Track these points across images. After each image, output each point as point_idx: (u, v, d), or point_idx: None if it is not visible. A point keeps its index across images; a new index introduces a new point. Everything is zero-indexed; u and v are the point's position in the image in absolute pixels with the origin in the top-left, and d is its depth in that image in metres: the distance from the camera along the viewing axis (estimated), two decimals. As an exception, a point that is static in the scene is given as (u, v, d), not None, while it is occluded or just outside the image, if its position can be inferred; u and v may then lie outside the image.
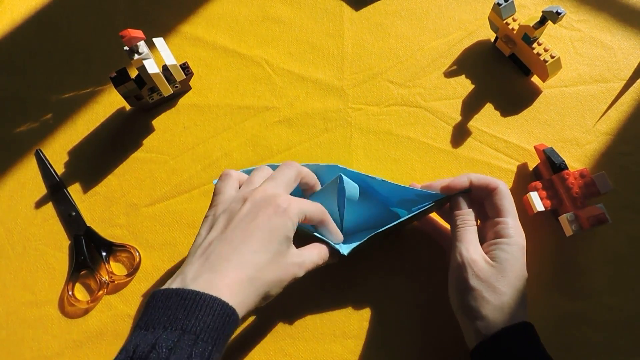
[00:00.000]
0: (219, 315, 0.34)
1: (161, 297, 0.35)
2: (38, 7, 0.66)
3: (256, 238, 0.38)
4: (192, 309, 0.33)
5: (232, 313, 0.35)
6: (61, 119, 0.60)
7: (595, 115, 0.57)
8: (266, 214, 0.39)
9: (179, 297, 0.34)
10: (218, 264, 0.37)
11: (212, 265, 0.37)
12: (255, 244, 0.38)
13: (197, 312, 0.33)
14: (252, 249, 0.38)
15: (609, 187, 0.49)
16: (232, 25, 0.64)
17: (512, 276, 0.42)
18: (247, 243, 0.38)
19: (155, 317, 0.34)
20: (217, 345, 0.34)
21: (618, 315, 0.49)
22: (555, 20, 0.50)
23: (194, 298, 0.34)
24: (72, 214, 0.55)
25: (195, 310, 0.33)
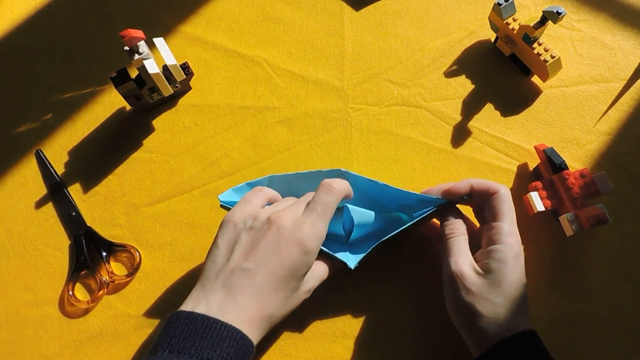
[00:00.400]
0: (240, 348, 0.36)
1: (185, 320, 0.36)
2: (38, 7, 0.66)
3: (278, 277, 0.39)
4: (217, 340, 0.35)
5: (251, 346, 0.37)
6: (61, 119, 0.60)
7: (596, 115, 0.57)
8: (291, 253, 0.39)
9: (204, 325, 0.36)
10: (242, 300, 0.38)
11: (234, 298, 0.38)
12: (277, 283, 0.39)
13: (222, 344, 0.35)
14: (273, 287, 0.39)
15: (609, 187, 0.49)
16: (232, 25, 0.64)
17: (507, 285, 0.41)
18: (269, 281, 0.39)
19: (179, 341, 0.35)
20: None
21: (618, 315, 0.49)
22: (555, 20, 0.50)
23: (219, 329, 0.36)
24: (72, 214, 0.55)
25: (220, 341, 0.35)
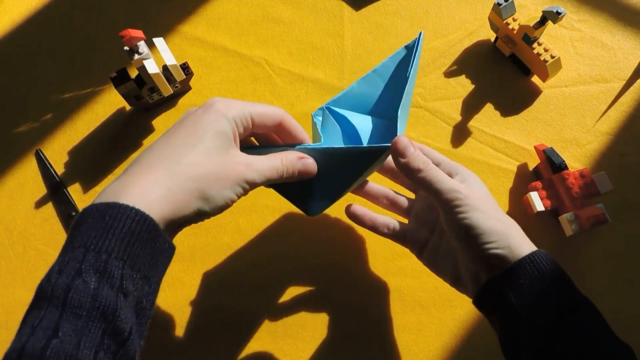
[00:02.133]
0: (134, 230, 0.29)
1: (77, 220, 0.30)
2: (38, 7, 0.66)
3: (178, 136, 0.34)
4: (97, 226, 0.29)
5: (138, 215, 0.29)
6: (61, 119, 0.60)
7: (595, 115, 0.57)
8: (194, 115, 0.35)
9: (83, 216, 0.30)
10: (131, 172, 0.32)
11: (126, 175, 0.32)
12: (175, 140, 0.34)
13: (88, 228, 0.29)
14: (172, 145, 0.33)
15: (609, 187, 0.49)
16: (232, 25, 0.64)
17: (495, 202, 0.40)
18: (168, 143, 0.34)
19: (70, 241, 0.30)
20: (130, 260, 0.29)
21: (618, 315, 0.49)
22: (555, 20, 0.50)
23: (92, 212, 0.29)
24: (72, 214, 0.55)
25: (90, 226, 0.29)
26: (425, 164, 0.38)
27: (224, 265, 0.53)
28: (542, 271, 0.35)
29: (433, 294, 0.50)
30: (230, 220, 0.54)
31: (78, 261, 0.28)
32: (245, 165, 0.35)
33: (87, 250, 0.28)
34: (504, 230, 0.37)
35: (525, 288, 0.35)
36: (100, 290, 0.27)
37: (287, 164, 0.38)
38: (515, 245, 0.37)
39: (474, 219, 0.37)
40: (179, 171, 0.32)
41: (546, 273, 0.35)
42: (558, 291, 0.35)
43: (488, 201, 0.39)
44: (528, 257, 0.36)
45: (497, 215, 0.38)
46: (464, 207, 0.37)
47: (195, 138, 0.34)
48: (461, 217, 0.37)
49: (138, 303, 0.30)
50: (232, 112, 0.35)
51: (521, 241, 0.37)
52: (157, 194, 0.31)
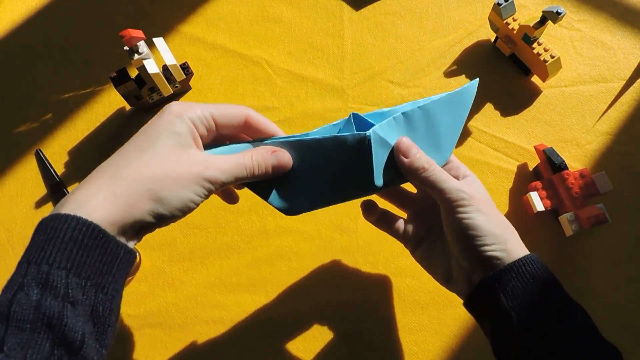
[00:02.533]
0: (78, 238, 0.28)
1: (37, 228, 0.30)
2: (38, 7, 0.66)
3: (130, 143, 0.33)
4: (34, 240, 0.29)
5: (79, 222, 0.28)
6: (61, 119, 0.60)
7: (595, 115, 0.57)
8: (149, 122, 0.33)
9: (33, 233, 0.30)
10: (79, 185, 0.31)
11: (75, 188, 0.31)
12: (127, 147, 0.32)
13: (32, 243, 0.29)
14: (122, 152, 0.32)
15: (609, 187, 0.49)
16: (232, 25, 0.64)
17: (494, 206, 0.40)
18: (120, 152, 0.32)
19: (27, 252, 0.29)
20: (75, 268, 0.28)
21: (618, 315, 0.49)
22: (555, 20, 0.50)
23: (37, 227, 0.29)
24: (72, 214, 0.55)
25: (34, 241, 0.29)
26: (429, 164, 0.38)
27: (224, 265, 0.53)
28: (533, 274, 0.36)
29: (433, 294, 0.50)
30: (230, 220, 0.54)
31: (21, 276, 0.28)
32: (204, 163, 0.33)
33: (29, 264, 0.28)
34: (503, 234, 0.38)
35: (517, 290, 0.36)
36: (43, 302, 0.27)
37: (258, 159, 0.35)
38: (511, 249, 0.37)
39: (477, 220, 0.37)
40: (125, 175, 0.31)
41: (537, 276, 0.36)
42: (548, 294, 0.36)
43: (490, 204, 0.40)
44: (520, 260, 0.36)
45: (498, 219, 0.39)
46: (468, 208, 0.37)
47: (147, 142, 0.32)
48: (464, 217, 0.37)
49: (93, 311, 0.29)
50: (189, 113, 0.34)
51: (517, 245, 0.38)
52: (100, 199, 0.29)
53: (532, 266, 0.36)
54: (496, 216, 0.39)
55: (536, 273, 0.36)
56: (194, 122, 0.34)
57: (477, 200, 0.38)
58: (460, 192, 0.37)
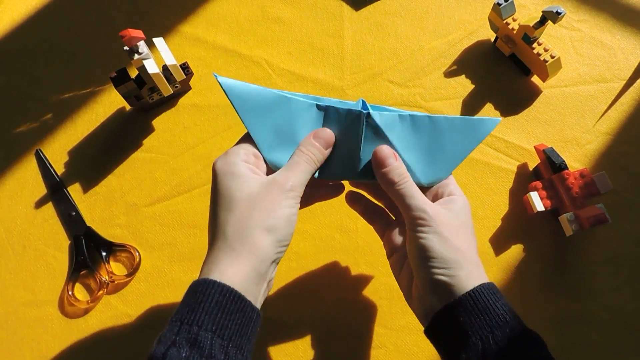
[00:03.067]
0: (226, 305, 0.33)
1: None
2: (38, 7, 0.66)
3: (216, 210, 0.37)
4: (186, 301, 0.34)
5: (224, 289, 0.33)
6: (61, 119, 0.60)
7: (595, 115, 0.57)
8: (211, 187, 0.38)
9: (186, 292, 0.35)
10: (212, 251, 0.36)
11: (212, 254, 0.36)
12: (217, 215, 0.36)
13: (184, 303, 0.34)
14: (217, 221, 0.36)
15: (609, 187, 0.49)
16: (232, 25, 0.64)
17: (470, 229, 0.39)
18: (214, 222, 0.36)
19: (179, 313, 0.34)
20: (219, 331, 0.33)
21: (618, 315, 0.49)
22: (555, 20, 0.50)
23: (189, 289, 0.34)
24: (72, 214, 0.55)
25: (185, 302, 0.34)
26: (401, 177, 0.39)
27: (224, 265, 0.53)
28: (482, 307, 0.35)
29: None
30: (230, 220, 0.54)
31: (174, 333, 0.32)
32: (278, 182, 0.36)
33: (182, 323, 0.32)
34: (457, 260, 0.37)
35: (466, 324, 0.35)
36: (191, 359, 0.31)
37: (312, 151, 0.39)
38: (463, 276, 0.36)
39: (430, 241, 0.37)
40: (232, 234, 0.35)
41: (487, 308, 0.35)
42: (496, 330, 0.35)
43: (457, 229, 0.38)
44: (470, 293, 0.35)
45: (457, 244, 0.37)
46: (425, 228, 0.37)
47: (226, 199, 0.36)
48: (420, 236, 0.37)
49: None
50: (232, 157, 0.37)
51: (472, 273, 0.37)
52: (233, 265, 0.34)
53: (483, 299, 0.35)
54: (457, 241, 0.37)
55: (485, 305, 0.35)
56: (242, 158, 0.37)
57: (438, 223, 0.37)
58: (421, 212, 0.37)
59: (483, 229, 0.53)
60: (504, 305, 0.36)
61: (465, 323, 0.35)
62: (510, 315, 0.35)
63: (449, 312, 0.36)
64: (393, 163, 0.39)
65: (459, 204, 0.40)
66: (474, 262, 0.38)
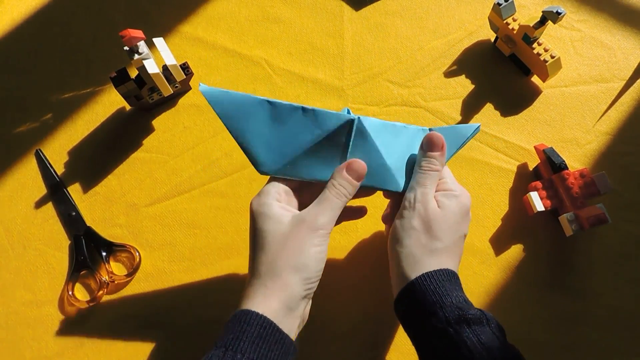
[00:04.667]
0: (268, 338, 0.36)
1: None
2: (38, 7, 0.66)
3: (253, 249, 0.39)
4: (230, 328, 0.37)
5: (265, 322, 0.36)
6: (61, 119, 0.60)
7: (595, 115, 0.57)
8: (254, 224, 0.40)
9: (231, 319, 0.38)
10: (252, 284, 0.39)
11: (252, 287, 0.39)
12: (254, 253, 0.39)
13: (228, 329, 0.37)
14: (255, 261, 0.39)
15: (609, 187, 0.49)
16: (232, 25, 0.64)
17: (450, 225, 0.41)
18: (252, 261, 0.39)
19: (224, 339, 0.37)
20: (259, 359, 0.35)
21: (618, 315, 0.49)
22: (555, 20, 0.50)
23: (234, 316, 0.37)
24: (72, 214, 0.55)
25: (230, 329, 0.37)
26: (429, 169, 0.42)
27: (224, 266, 0.53)
28: (426, 292, 0.38)
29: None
30: (230, 220, 0.54)
31: (219, 357, 0.34)
32: (307, 221, 0.38)
33: (227, 349, 0.34)
34: (410, 248, 0.40)
35: (415, 308, 0.38)
36: None
37: (343, 184, 0.40)
38: (411, 265, 0.39)
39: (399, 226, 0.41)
40: (266, 272, 0.38)
41: (429, 293, 0.38)
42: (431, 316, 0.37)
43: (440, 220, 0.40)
44: (415, 280, 0.38)
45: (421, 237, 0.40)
46: (404, 213, 0.41)
47: (260, 239, 0.38)
48: (396, 219, 0.41)
49: None
50: (268, 189, 0.40)
51: (420, 262, 0.39)
52: (269, 300, 0.37)
53: (434, 282, 0.38)
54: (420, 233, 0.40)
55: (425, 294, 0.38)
56: (274, 197, 0.40)
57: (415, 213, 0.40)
58: (412, 199, 0.41)
59: (483, 229, 0.53)
60: (442, 291, 0.38)
61: (409, 312, 0.39)
62: (448, 300, 0.37)
63: (400, 301, 0.40)
64: (436, 155, 0.42)
65: (450, 201, 0.42)
66: (430, 252, 0.40)
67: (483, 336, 0.36)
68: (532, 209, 0.50)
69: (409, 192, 0.42)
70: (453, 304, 0.37)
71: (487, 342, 0.36)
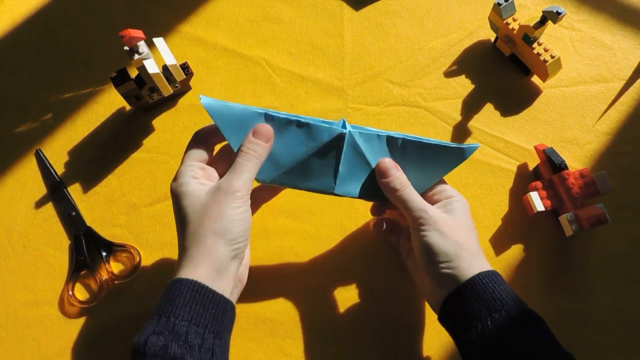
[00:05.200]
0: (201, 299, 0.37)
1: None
2: (38, 7, 0.66)
3: (179, 228, 0.41)
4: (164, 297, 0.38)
5: (195, 285, 0.37)
6: (61, 119, 0.60)
7: (595, 115, 0.57)
8: (175, 205, 0.41)
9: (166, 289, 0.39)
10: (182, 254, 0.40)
11: (182, 256, 0.40)
12: (180, 231, 0.40)
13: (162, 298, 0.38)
14: (181, 235, 0.40)
15: (609, 187, 0.49)
16: (232, 25, 0.64)
17: (469, 226, 0.43)
18: (180, 237, 0.41)
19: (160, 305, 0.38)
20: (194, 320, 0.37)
21: (618, 315, 0.49)
22: (555, 20, 0.50)
23: (167, 287, 0.39)
24: (72, 214, 0.55)
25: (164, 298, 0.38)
26: (402, 185, 0.43)
27: (224, 265, 0.53)
28: (481, 293, 0.39)
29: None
30: (230, 220, 0.54)
31: (153, 324, 0.36)
32: (224, 188, 0.39)
33: (160, 316, 0.36)
34: (456, 253, 0.40)
35: (467, 309, 0.39)
36: (169, 344, 0.35)
37: (251, 147, 0.42)
38: (464, 267, 0.40)
39: (431, 238, 0.41)
40: (191, 245, 0.39)
41: (485, 294, 0.39)
42: (497, 310, 0.38)
43: (455, 226, 0.42)
44: (468, 281, 0.39)
45: (457, 239, 0.41)
46: (426, 227, 0.41)
47: (181, 216, 0.40)
48: (422, 235, 0.41)
49: (213, 355, 0.36)
50: (185, 169, 0.42)
51: (471, 264, 0.40)
52: (198, 267, 0.38)
53: (482, 286, 0.39)
54: (455, 236, 0.41)
55: (484, 289, 0.39)
56: (190, 175, 0.41)
57: (436, 221, 0.41)
58: (421, 212, 0.42)
59: (483, 229, 0.53)
60: (502, 290, 0.39)
61: (466, 308, 0.39)
62: (509, 299, 0.39)
63: (453, 299, 0.40)
64: (395, 173, 0.43)
65: (456, 205, 0.44)
66: (474, 253, 0.42)
67: (542, 338, 0.38)
68: (532, 209, 0.50)
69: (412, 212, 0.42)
70: (513, 300, 0.39)
71: (546, 343, 0.38)
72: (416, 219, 0.42)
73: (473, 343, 0.38)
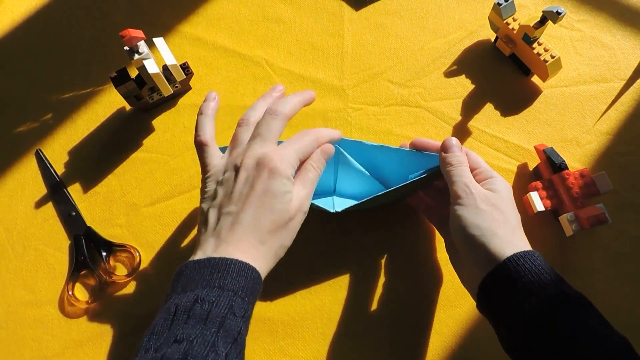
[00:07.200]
0: (249, 277, 0.37)
1: (193, 266, 0.37)
2: (38, 7, 0.66)
3: (256, 205, 0.39)
4: (225, 272, 0.36)
5: (258, 275, 0.38)
6: (61, 119, 0.60)
7: (595, 115, 0.57)
8: (261, 181, 0.39)
9: (211, 265, 0.37)
10: (231, 237, 0.38)
11: (226, 239, 0.38)
12: (256, 211, 0.39)
13: (231, 274, 0.36)
14: (254, 216, 0.39)
15: (609, 187, 0.49)
16: (232, 25, 0.64)
17: (511, 202, 0.43)
18: (248, 212, 0.39)
19: (192, 282, 0.36)
20: (250, 303, 0.37)
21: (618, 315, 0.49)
22: (555, 20, 0.50)
23: (225, 263, 0.36)
24: (72, 214, 0.55)
25: (228, 273, 0.36)
26: (459, 163, 0.44)
27: (224, 265, 0.52)
28: (517, 276, 0.37)
29: (432, 294, 0.50)
30: (230, 220, 0.54)
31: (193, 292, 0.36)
32: (296, 210, 0.40)
33: (234, 292, 0.36)
34: (491, 228, 0.40)
35: (503, 295, 0.38)
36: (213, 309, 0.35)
37: (320, 170, 0.43)
38: (498, 244, 0.39)
39: (466, 212, 0.41)
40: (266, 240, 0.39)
41: (521, 277, 0.37)
42: (534, 294, 0.36)
43: (495, 204, 0.41)
44: (504, 262, 0.38)
45: (494, 215, 0.40)
46: (464, 200, 0.41)
47: (270, 205, 0.39)
48: (457, 208, 0.41)
49: (247, 318, 0.37)
50: (289, 168, 0.40)
51: (507, 241, 0.39)
52: (258, 263, 0.38)
53: (518, 268, 0.37)
54: (493, 212, 0.40)
55: (520, 274, 0.37)
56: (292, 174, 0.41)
57: (476, 196, 0.41)
58: (465, 187, 0.42)
59: (483, 229, 0.53)
60: (540, 271, 0.37)
61: (502, 293, 0.38)
62: (548, 279, 0.37)
63: (488, 284, 0.39)
64: (457, 152, 0.44)
65: (498, 184, 0.43)
66: (511, 230, 0.41)
67: (589, 320, 0.35)
68: (532, 209, 0.50)
69: (454, 185, 0.43)
70: (553, 282, 0.37)
71: (594, 326, 0.35)
72: (457, 193, 0.42)
73: (511, 330, 0.37)
